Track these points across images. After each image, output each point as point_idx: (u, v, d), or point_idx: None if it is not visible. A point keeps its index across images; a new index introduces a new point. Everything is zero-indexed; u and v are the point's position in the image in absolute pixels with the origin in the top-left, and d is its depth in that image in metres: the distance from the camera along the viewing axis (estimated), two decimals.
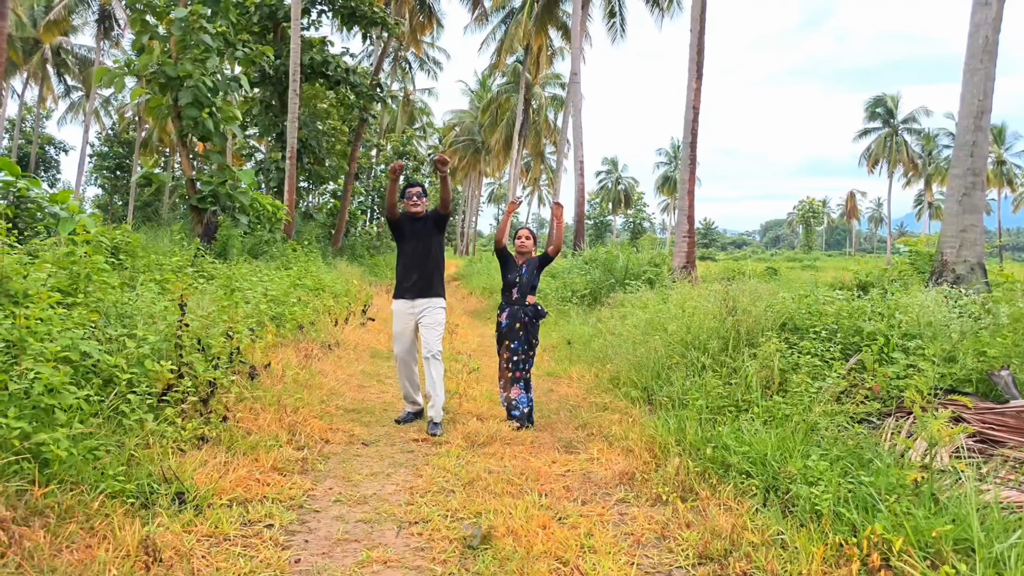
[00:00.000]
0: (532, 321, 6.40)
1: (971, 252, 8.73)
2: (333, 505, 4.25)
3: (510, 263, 6.53)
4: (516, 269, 6.50)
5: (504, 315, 6.43)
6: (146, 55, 15.90)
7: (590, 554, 3.56)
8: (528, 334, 6.37)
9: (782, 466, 4.34)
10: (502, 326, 6.42)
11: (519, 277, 6.46)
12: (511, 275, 6.48)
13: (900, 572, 3.21)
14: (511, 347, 6.32)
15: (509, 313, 6.40)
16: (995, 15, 8.70)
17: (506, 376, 6.34)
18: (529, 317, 6.38)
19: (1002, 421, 5.43)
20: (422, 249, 6.29)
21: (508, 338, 6.35)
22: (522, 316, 6.35)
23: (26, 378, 3.69)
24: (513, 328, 6.36)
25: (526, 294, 6.41)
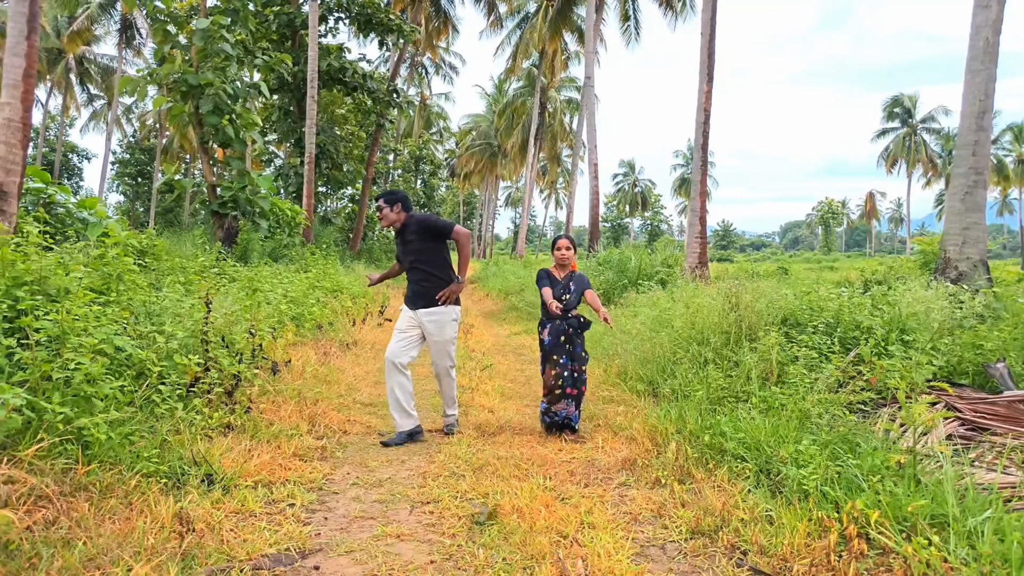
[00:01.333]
0: (577, 332, 6.03)
1: (974, 249, 8.89)
2: (350, 488, 4.53)
3: (551, 279, 6.16)
4: (560, 284, 6.12)
5: (546, 331, 6.05)
6: (168, 64, 16.35)
7: (589, 529, 3.81)
8: (575, 346, 6.01)
9: (775, 451, 4.57)
10: (546, 343, 6.04)
11: (567, 295, 6.08)
12: (555, 291, 6.07)
13: (876, 543, 3.44)
14: (560, 362, 5.91)
15: (551, 329, 6.01)
16: (995, 17, 8.87)
17: (554, 392, 5.90)
18: (573, 328, 6.01)
19: (993, 410, 5.63)
20: (412, 259, 5.80)
21: (555, 353, 5.95)
22: (565, 329, 5.98)
23: (67, 368, 4.00)
24: (558, 343, 5.97)
25: (571, 310, 6.07)
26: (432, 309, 5.69)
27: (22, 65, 8.85)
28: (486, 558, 3.44)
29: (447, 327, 5.76)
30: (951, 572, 3.19)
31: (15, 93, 8.80)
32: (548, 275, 6.18)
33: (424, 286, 5.71)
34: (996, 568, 3.13)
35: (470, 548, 3.58)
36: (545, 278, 6.16)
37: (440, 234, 5.71)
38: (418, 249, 5.70)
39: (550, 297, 5.94)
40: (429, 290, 5.69)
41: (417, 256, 5.72)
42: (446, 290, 5.65)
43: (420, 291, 5.72)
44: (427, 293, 5.70)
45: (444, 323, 5.74)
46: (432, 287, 5.69)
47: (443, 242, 5.78)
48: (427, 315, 5.70)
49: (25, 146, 8.95)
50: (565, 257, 6.19)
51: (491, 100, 59.28)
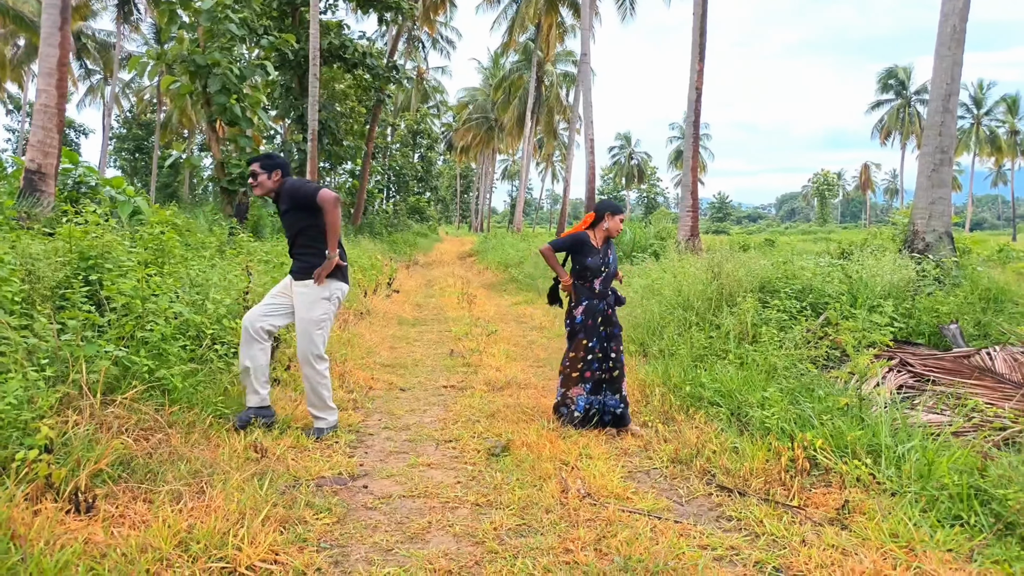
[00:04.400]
0: (613, 311, 5.52)
1: (939, 222, 9.64)
2: (382, 431, 5.31)
3: (587, 246, 5.40)
4: (599, 253, 5.41)
5: (580, 309, 5.40)
6: (176, 44, 16.90)
7: (587, 459, 4.59)
8: (613, 327, 5.47)
9: (745, 398, 5.35)
10: (577, 321, 5.41)
11: (604, 264, 5.42)
12: (592, 259, 5.36)
13: (820, 464, 4.23)
14: (587, 346, 5.36)
15: (587, 308, 5.39)
16: (963, 5, 9.54)
17: (570, 375, 5.39)
18: (611, 307, 5.50)
19: (940, 365, 6.43)
20: (289, 232, 5.12)
21: (586, 335, 5.36)
22: (604, 308, 5.44)
23: (146, 329, 4.75)
24: (591, 324, 5.39)
25: (610, 282, 5.53)
26: (304, 281, 4.97)
27: (56, 54, 9.50)
28: (503, 479, 4.23)
29: (316, 305, 4.94)
30: (876, 484, 3.98)
31: (50, 81, 9.46)
32: (585, 241, 5.42)
33: (305, 260, 5.00)
34: (914, 481, 3.92)
35: (489, 472, 4.37)
36: (580, 244, 5.43)
37: (306, 203, 4.91)
38: (293, 220, 5.01)
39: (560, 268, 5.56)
40: (311, 265, 4.97)
41: (292, 227, 5.04)
42: (318, 268, 4.92)
43: (301, 265, 5.01)
44: (307, 268, 4.98)
45: (313, 300, 4.94)
46: (314, 262, 4.97)
47: (317, 211, 4.90)
48: (298, 287, 5.00)
49: (60, 130, 9.63)
50: (619, 231, 5.53)
51: (488, 74, 59.54)
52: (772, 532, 3.53)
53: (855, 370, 5.11)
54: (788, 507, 3.83)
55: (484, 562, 3.18)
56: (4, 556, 2.60)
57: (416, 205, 49.32)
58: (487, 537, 3.43)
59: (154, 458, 3.75)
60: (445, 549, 3.31)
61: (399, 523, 3.60)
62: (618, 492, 4.04)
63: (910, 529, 3.43)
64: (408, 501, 3.91)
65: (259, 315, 4.98)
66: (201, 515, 3.25)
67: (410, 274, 19.81)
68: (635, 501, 3.95)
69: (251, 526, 3.21)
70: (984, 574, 3.04)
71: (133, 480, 3.53)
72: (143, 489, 3.47)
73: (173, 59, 16.99)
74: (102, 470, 3.42)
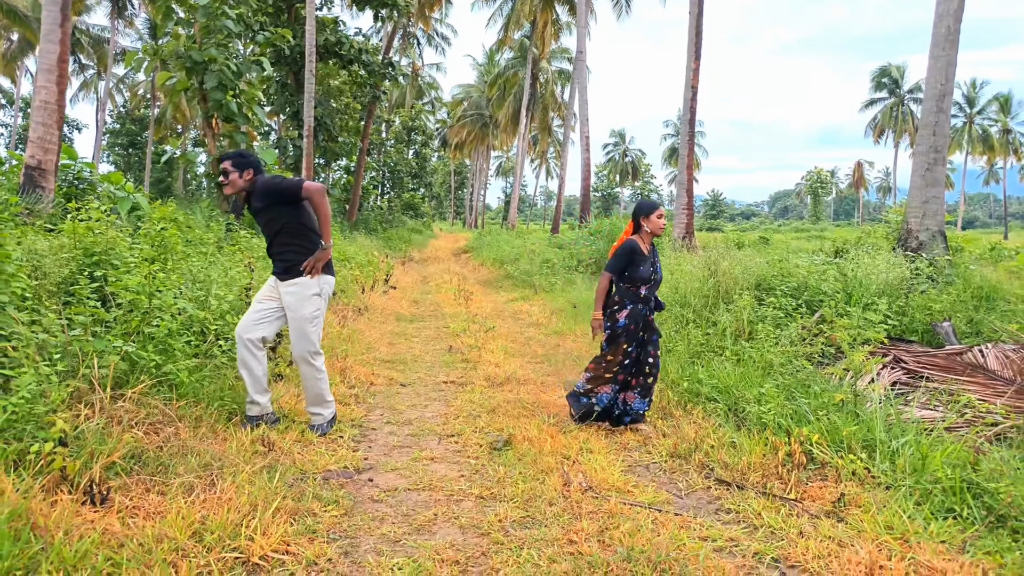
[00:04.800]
0: (652, 317, 5.42)
1: (933, 221, 9.75)
2: (385, 426, 5.38)
3: (638, 254, 5.24)
4: (648, 260, 5.27)
5: (624, 313, 5.25)
6: (172, 40, 16.90)
7: (587, 453, 4.68)
8: (652, 333, 5.38)
9: (742, 393, 5.44)
10: (619, 325, 5.25)
11: (654, 272, 5.33)
12: (643, 268, 5.23)
13: (816, 459, 4.32)
14: (626, 350, 5.27)
15: (631, 312, 5.25)
16: (957, 6, 9.64)
17: (602, 376, 5.31)
18: (651, 313, 5.39)
19: (933, 362, 6.52)
20: (267, 231, 4.95)
21: (627, 340, 5.25)
22: (645, 313, 5.32)
23: (152, 325, 4.80)
24: (633, 329, 5.27)
25: (656, 289, 5.44)
26: (293, 280, 4.86)
27: (56, 51, 9.52)
28: (505, 473, 4.31)
29: (307, 302, 4.85)
30: (871, 478, 4.07)
31: (50, 77, 9.48)
32: (636, 250, 5.25)
33: (288, 258, 4.89)
34: (908, 475, 4.01)
35: (492, 466, 4.44)
36: (632, 254, 5.25)
37: (289, 198, 4.79)
38: (272, 218, 4.86)
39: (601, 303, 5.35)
40: (294, 262, 4.87)
41: (271, 226, 4.89)
42: (310, 259, 4.82)
43: (285, 265, 4.90)
44: (291, 267, 4.88)
45: (304, 296, 4.85)
46: (298, 259, 4.87)
47: (298, 206, 4.83)
48: (286, 287, 4.87)
49: (60, 126, 9.65)
50: (663, 228, 5.32)
51: (483, 70, 59.56)
52: (770, 524, 3.62)
53: (850, 367, 5.20)
54: (785, 500, 3.92)
55: (490, 553, 3.26)
56: (26, 546, 2.67)
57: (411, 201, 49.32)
58: (492, 529, 3.51)
59: (164, 451, 3.82)
60: (452, 540, 3.38)
61: (405, 515, 3.68)
62: (619, 485, 4.12)
63: (904, 521, 3.52)
64: (413, 494, 3.99)
65: (250, 324, 4.86)
66: (213, 507, 3.32)
67: (406, 270, 19.86)
68: (636, 494, 4.03)
69: (262, 518, 3.28)
70: (976, 564, 3.12)
71: (145, 472, 3.59)
72: (155, 481, 3.54)
73: (169, 55, 17.00)
74: (115, 463, 3.49)
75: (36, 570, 2.60)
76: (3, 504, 2.80)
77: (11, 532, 2.70)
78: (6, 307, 4.21)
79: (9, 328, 4.04)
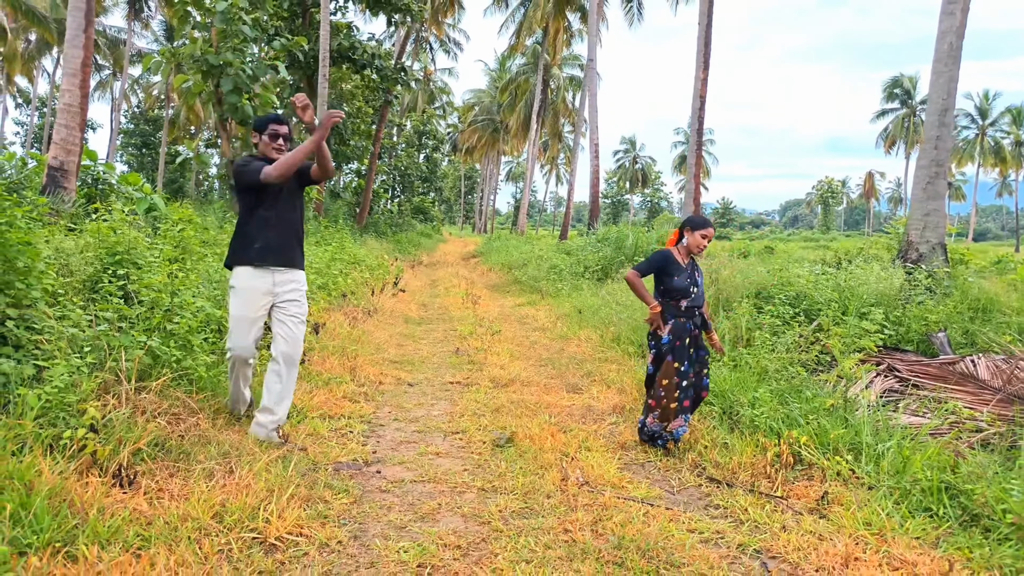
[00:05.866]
0: (700, 333, 5.18)
1: (933, 233, 9.94)
2: (392, 422, 5.61)
3: (672, 264, 5.05)
4: (685, 272, 5.06)
5: (667, 328, 5.02)
6: (191, 44, 17.23)
7: (586, 451, 4.89)
8: (700, 349, 5.15)
9: (737, 397, 5.64)
10: (664, 342, 5.01)
11: (693, 285, 5.07)
12: (678, 279, 5.00)
13: (804, 459, 4.52)
14: (680, 370, 4.99)
15: (674, 327, 5.01)
16: (959, 24, 9.83)
17: (667, 407, 4.97)
18: (697, 328, 5.14)
19: (926, 371, 6.71)
20: (289, 207, 4.73)
21: (676, 358, 4.99)
22: (690, 328, 5.07)
23: (174, 322, 5.05)
24: (679, 346, 5.02)
25: (699, 306, 5.13)
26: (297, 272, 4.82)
27: (80, 56, 9.82)
28: (507, 467, 4.53)
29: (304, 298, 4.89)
30: (855, 479, 4.28)
31: (74, 81, 9.78)
32: (670, 259, 5.08)
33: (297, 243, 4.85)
34: (890, 476, 4.21)
35: (494, 461, 4.67)
36: (664, 262, 5.08)
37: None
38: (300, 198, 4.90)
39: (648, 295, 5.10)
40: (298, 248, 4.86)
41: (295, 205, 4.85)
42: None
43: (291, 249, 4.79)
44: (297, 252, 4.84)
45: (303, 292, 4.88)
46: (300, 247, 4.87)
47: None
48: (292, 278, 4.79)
49: (83, 128, 9.95)
50: (705, 248, 5.18)
51: (494, 76, 59.87)
52: (755, 519, 3.83)
53: (842, 373, 5.40)
54: (771, 497, 4.13)
55: (490, 539, 3.48)
56: (64, 520, 2.91)
57: (420, 205, 49.63)
58: (493, 518, 3.73)
59: (186, 440, 4.06)
60: (454, 528, 3.61)
61: (411, 504, 3.90)
62: (614, 481, 4.34)
63: (882, 518, 3.72)
64: (419, 485, 4.21)
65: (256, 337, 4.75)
66: (233, 491, 3.55)
67: (415, 274, 20.12)
68: (630, 489, 4.24)
69: (278, 502, 3.51)
70: (945, 558, 3.33)
71: (169, 459, 3.83)
72: (178, 467, 3.78)
73: (186, 58, 17.33)
74: (141, 449, 3.72)
75: (73, 542, 2.84)
76: (42, 484, 3.03)
77: (50, 508, 2.94)
78: (38, 302, 4.47)
79: (41, 322, 4.29)
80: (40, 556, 2.68)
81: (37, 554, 2.69)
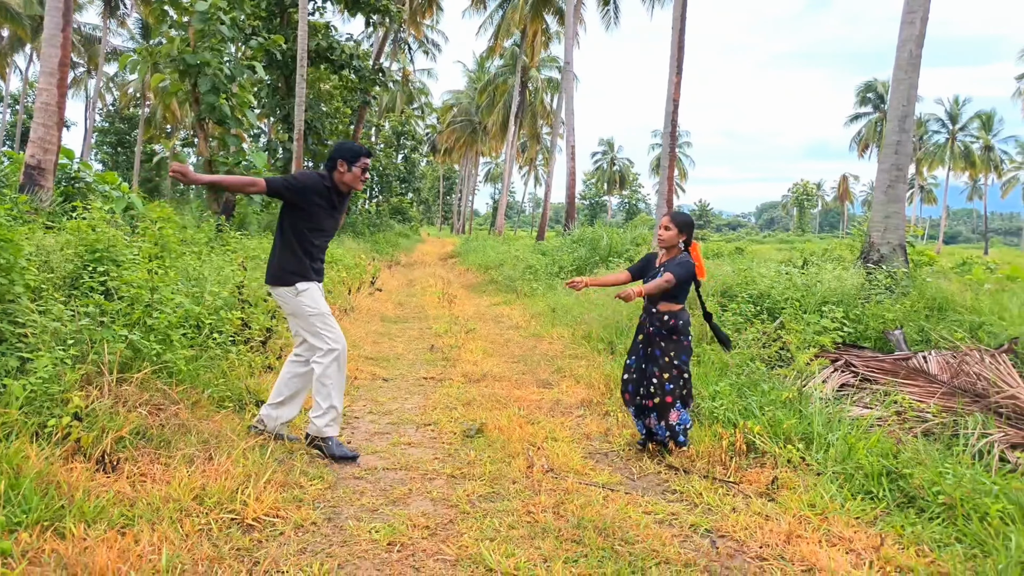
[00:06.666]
0: (661, 335, 4.95)
1: (894, 235, 10.27)
2: (367, 415, 5.80)
3: (649, 264, 5.18)
4: (654, 271, 5.06)
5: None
6: (168, 43, 17.26)
7: (552, 441, 5.11)
8: (654, 348, 4.96)
9: (698, 391, 5.89)
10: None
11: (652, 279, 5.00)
12: (647, 278, 5.07)
13: (758, 448, 4.78)
14: (626, 362, 5.18)
15: (639, 322, 5.19)
16: (918, 33, 10.18)
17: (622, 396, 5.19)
18: (655, 329, 4.98)
19: (881, 366, 7.00)
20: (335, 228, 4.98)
21: (631, 350, 5.19)
22: (646, 326, 5.05)
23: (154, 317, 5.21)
24: (635, 340, 5.14)
25: (657, 301, 4.98)
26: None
27: (58, 55, 9.89)
28: (475, 456, 4.74)
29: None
30: (805, 466, 4.53)
31: (52, 80, 9.85)
32: (650, 260, 5.20)
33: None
34: (837, 463, 4.47)
35: (464, 451, 4.88)
36: (645, 261, 5.26)
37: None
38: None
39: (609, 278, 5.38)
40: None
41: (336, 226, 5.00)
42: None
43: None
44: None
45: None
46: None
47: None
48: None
49: (60, 127, 10.01)
50: (663, 239, 4.99)
51: (472, 77, 60.07)
52: (708, 502, 4.07)
53: (797, 367, 5.66)
54: (725, 482, 4.38)
55: (457, 520, 3.69)
56: (51, 501, 3.08)
57: (399, 206, 49.69)
58: (460, 502, 3.94)
59: (167, 429, 4.22)
60: (424, 510, 3.81)
61: (383, 490, 4.10)
62: (578, 468, 4.56)
63: (826, 501, 3.97)
64: (391, 473, 4.41)
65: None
66: (212, 476, 3.73)
67: (392, 274, 20.26)
68: (592, 476, 4.47)
69: (256, 486, 3.70)
70: (879, 535, 3.58)
71: (150, 447, 4.00)
72: (159, 454, 3.95)
73: (163, 58, 17.35)
74: (123, 437, 3.89)
75: (61, 521, 3.01)
76: (30, 468, 3.20)
77: (38, 490, 3.10)
78: (20, 298, 4.61)
79: (24, 317, 4.43)
80: (30, 533, 2.86)
81: (27, 531, 2.86)
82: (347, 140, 5.00)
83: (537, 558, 3.29)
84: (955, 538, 3.51)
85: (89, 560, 2.73)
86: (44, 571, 2.65)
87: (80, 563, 2.70)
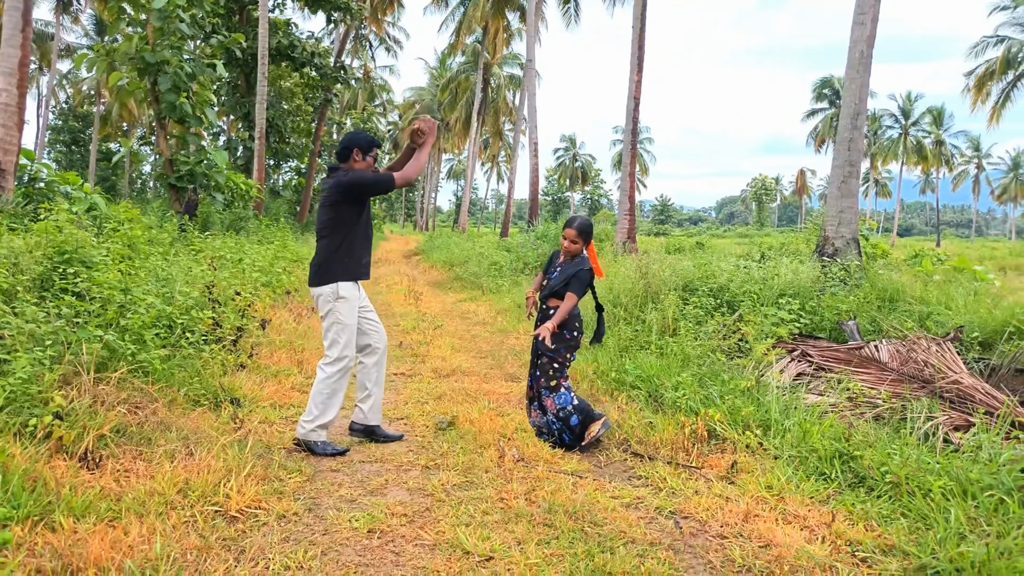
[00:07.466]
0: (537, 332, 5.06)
1: (847, 229, 10.64)
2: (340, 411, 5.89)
3: (552, 263, 5.35)
4: (552, 271, 5.28)
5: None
6: (125, 42, 17.04)
7: (522, 432, 5.28)
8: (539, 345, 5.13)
9: (662, 382, 6.11)
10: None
11: (548, 280, 5.25)
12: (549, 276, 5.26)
13: (718, 435, 5.00)
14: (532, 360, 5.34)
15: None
16: (869, 34, 10.55)
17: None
18: (541, 320, 5.28)
19: (835, 356, 7.29)
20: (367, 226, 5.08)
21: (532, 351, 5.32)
22: (538, 322, 5.33)
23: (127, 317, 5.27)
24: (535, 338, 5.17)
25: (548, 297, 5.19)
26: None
27: (17, 55, 9.80)
28: (449, 448, 4.90)
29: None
30: (763, 451, 4.77)
31: (12, 80, 9.76)
32: (553, 259, 5.37)
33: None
34: (793, 447, 4.71)
35: (437, 443, 5.03)
36: (549, 260, 5.42)
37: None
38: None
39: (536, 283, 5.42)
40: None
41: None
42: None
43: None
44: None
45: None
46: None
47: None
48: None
49: (20, 128, 9.92)
50: (568, 250, 5.17)
51: (435, 74, 59.97)
52: (672, 487, 4.27)
53: (755, 358, 5.91)
54: (688, 467, 4.59)
55: (434, 508, 3.85)
56: (39, 497, 3.17)
57: None
58: (436, 491, 4.09)
59: (146, 426, 4.31)
60: (401, 499, 3.96)
61: (360, 481, 4.24)
62: (547, 458, 4.74)
63: (782, 482, 4.20)
64: (367, 465, 4.55)
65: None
66: (194, 471, 3.84)
67: None
68: (561, 464, 4.65)
69: (237, 480, 3.81)
70: (832, 512, 3.81)
71: (131, 444, 4.09)
72: (141, 451, 4.04)
73: (121, 56, 17.13)
74: (104, 435, 3.97)
75: (50, 515, 3.11)
76: (15, 465, 3.28)
77: (25, 487, 3.19)
78: None
79: (1, 318, 4.48)
80: (22, 527, 2.95)
81: (19, 525, 2.96)
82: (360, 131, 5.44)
83: (511, 541, 3.46)
84: (900, 513, 3.76)
85: (83, 550, 2.84)
86: (40, 562, 2.75)
87: (74, 553, 2.81)
